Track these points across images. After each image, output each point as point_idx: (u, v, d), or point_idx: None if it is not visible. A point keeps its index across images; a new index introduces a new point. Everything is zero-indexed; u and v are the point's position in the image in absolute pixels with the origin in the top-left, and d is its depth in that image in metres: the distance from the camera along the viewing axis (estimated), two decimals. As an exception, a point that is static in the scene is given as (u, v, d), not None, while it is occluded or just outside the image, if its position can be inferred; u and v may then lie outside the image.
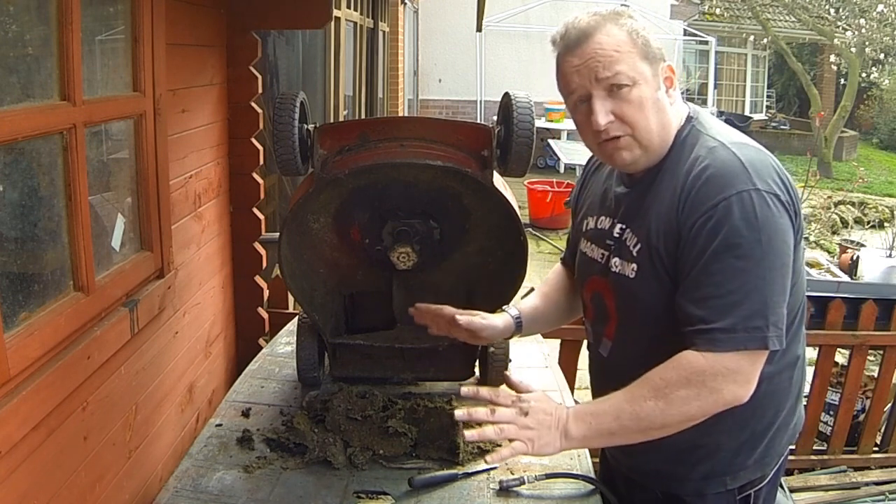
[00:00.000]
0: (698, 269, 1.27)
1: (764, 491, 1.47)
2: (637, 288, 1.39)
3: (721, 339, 1.25)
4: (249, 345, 2.95)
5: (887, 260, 5.36)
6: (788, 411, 1.46)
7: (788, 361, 1.43)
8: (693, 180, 1.29)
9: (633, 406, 1.29)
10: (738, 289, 1.24)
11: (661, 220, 1.34)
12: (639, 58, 1.32)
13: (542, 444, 1.33)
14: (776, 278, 1.26)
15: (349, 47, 6.86)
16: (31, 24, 1.55)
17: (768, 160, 1.32)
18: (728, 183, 1.26)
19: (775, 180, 1.29)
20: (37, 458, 1.50)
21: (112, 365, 1.84)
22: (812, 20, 14.01)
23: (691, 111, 1.42)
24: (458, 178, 1.77)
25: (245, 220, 2.89)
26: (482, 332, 1.68)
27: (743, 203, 1.24)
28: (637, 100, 1.32)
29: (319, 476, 1.67)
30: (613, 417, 1.31)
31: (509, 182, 1.92)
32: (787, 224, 1.28)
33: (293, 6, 2.74)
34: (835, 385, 3.64)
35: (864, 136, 17.65)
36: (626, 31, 1.33)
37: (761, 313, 1.24)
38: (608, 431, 1.32)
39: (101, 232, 1.87)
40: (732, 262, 1.24)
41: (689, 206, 1.29)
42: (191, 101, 2.39)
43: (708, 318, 1.26)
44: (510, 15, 13.09)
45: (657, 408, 1.27)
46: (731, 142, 1.33)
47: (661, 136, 1.37)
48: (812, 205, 8.07)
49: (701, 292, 1.27)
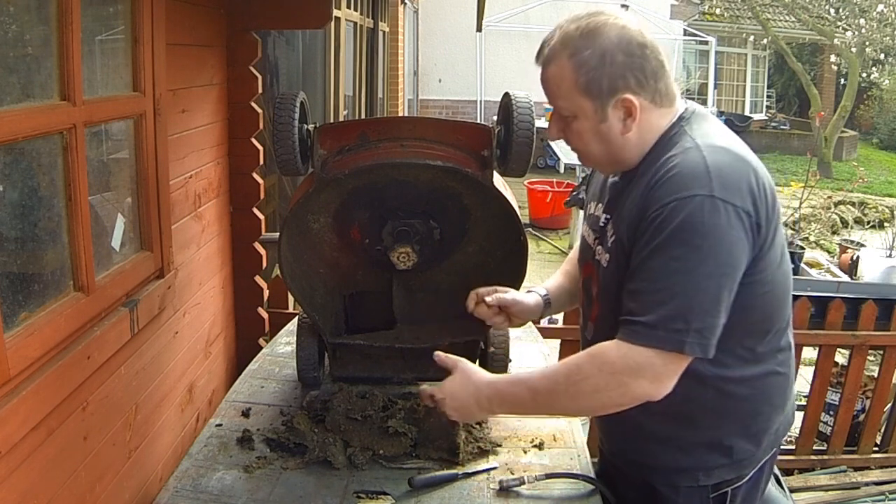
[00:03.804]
0: (638, 262, 1.30)
1: (743, 490, 1.48)
2: (609, 278, 1.43)
3: (640, 332, 1.27)
4: (249, 345, 2.95)
5: (887, 260, 5.36)
6: (766, 418, 1.46)
7: (766, 369, 1.43)
8: (658, 178, 1.31)
9: (548, 394, 1.37)
10: (667, 288, 1.26)
11: (631, 214, 1.36)
12: (579, 94, 1.34)
13: (463, 418, 1.55)
14: (710, 287, 1.25)
15: (349, 47, 6.86)
16: (31, 24, 1.55)
17: (743, 169, 1.30)
18: (685, 185, 1.27)
19: (741, 191, 1.27)
20: (37, 458, 1.50)
21: (112, 365, 1.84)
22: (812, 20, 14.00)
23: (686, 111, 1.42)
24: (458, 178, 1.77)
25: (245, 220, 2.89)
26: (513, 308, 1.71)
27: (693, 207, 1.25)
28: (576, 131, 1.39)
29: (319, 476, 1.67)
30: (530, 399, 1.40)
31: (509, 182, 1.92)
32: (739, 236, 1.26)
33: (293, 6, 2.74)
34: (835, 385, 3.64)
35: (864, 136, 17.65)
36: (575, 65, 1.33)
37: (684, 317, 1.25)
38: (524, 410, 1.50)
39: (101, 232, 1.87)
40: (668, 262, 1.26)
41: (648, 202, 1.31)
42: (191, 101, 2.39)
43: (635, 310, 1.28)
44: (510, 15, 13.09)
45: (567, 395, 1.35)
46: (707, 144, 1.32)
47: (610, 159, 1.42)
48: (812, 205, 8.07)
49: (635, 284, 1.31)
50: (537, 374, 1.42)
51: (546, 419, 1.92)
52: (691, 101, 1.47)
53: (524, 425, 1.90)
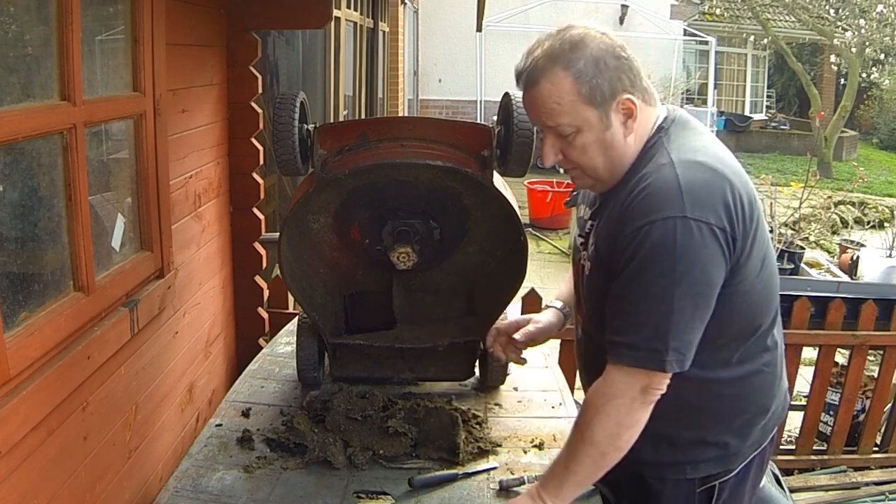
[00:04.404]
0: (618, 284, 1.34)
1: (730, 484, 1.51)
2: (590, 283, 1.47)
3: (624, 353, 1.32)
4: (249, 345, 2.95)
5: (887, 260, 5.36)
6: (752, 415, 1.50)
7: (749, 369, 1.46)
8: (632, 197, 1.33)
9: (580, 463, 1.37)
10: (645, 311, 1.30)
11: (608, 227, 1.39)
12: (582, 105, 1.33)
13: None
14: (685, 307, 1.29)
15: (349, 47, 6.86)
16: (31, 24, 1.55)
17: (719, 185, 1.30)
18: (657, 207, 1.28)
19: (716, 208, 1.28)
20: (37, 458, 1.50)
21: (112, 365, 1.84)
22: (812, 20, 14.00)
23: (667, 119, 1.41)
24: (458, 178, 1.77)
25: (245, 220, 2.89)
26: (540, 338, 1.79)
27: (666, 229, 1.26)
28: (580, 146, 1.37)
29: (319, 476, 1.67)
30: (573, 483, 1.39)
31: (509, 182, 1.92)
32: (714, 254, 1.28)
33: (293, 6, 2.74)
34: (835, 385, 3.64)
35: (864, 136, 17.65)
36: (573, 75, 1.31)
37: (662, 338, 1.29)
38: (579, 488, 1.41)
39: (101, 232, 1.87)
40: (644, 285, 1.30)
41: (622, 222, 1.33)
42: (191, 101, 2.39)
43: (619, 329, 1.34)
44: (510, 15, 13.09)
45: (592, 451, 1.36)
46: (682, 160, 1.32)
47: (610, 169, 1.41)
48: (812, 205, 8.06)
49: (616, 305, 1.35)
50: (561, 454, 1.43)
51: (546, 419, 1.93)
52: (673, 107, 1.47)
53: (524, 425, 1.90)
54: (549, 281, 6.47)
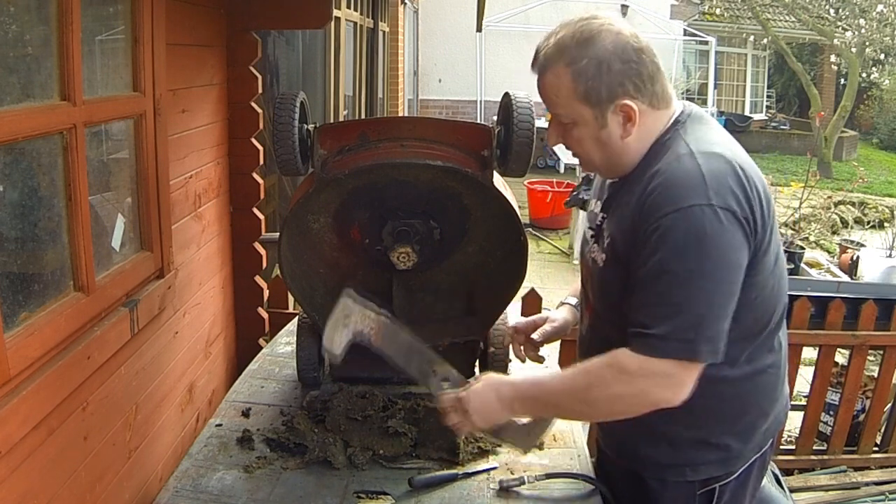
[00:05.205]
0: (643, 276, 1.31)
1: (731, 486, 1.49)
2: (603, 277, 1.46)
3: (655, 345, 1.29)
4: (249, 345, 2.95)
5: (887, 260, 5.35)
6: (755, 417, 1.49)
7: (755, 369, 1.45)
8: (652, 188, 1.31)
9: (567, 398, 1.40)
10: (676, 300, 1.27)
11: (625, 220, 1.37)
12: (579, 102, 1.35)
13: (486, 420, 1.47)
14: (716, 294, 1.27)
15: (349, 47, 6.86)
16: (31, 24, 1.55)
17: (739, 175, 1.30)
18: (682, 195, 1.27)
19: (738, 196, 1.28)
20: (37, 458, 1.50)
21: (112, 365, 1.84)
22: (812, 20, 14.00)
23: (683, 113, 1.42)
24: (458, 178, 1.77)
25: (245, 220, 2.89)
26: (556, 337, 1.80)
27: (693, 217, 1.25)
28: (576, 137, 1.40)
29: (319, 476, 1.67)
30: (553, 405, 1.44)
31: (509, 182, 1.92)
32: (739, 241, 1.28)
33: (293, 6, 2.74)
34: (835, 385, 3.64)
35: (864, 136, 17.64)
36: (572, 74, 1.32)
37: (695, 326, 1.27)
38: (549, 413, 1.51)
39: (101, 232, 1.87)
40: (674, 275, 1.27)
41: (645, 213, 1.31)
42: (191, 101, 2.39)
43: (646, 323, 1.30)
44: (510, 15, 13.09)
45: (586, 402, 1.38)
46: (702, 151, 1.32)
47: (608, 165, 1.43)
48: (812, 205, 8.06)
49: (643, 298, 1.32)
50: (557, 378, 1.43)
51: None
52: (689, 102, 1.47)
53: (524, 425, 1.90)
54: (549, 281, 6.47)
